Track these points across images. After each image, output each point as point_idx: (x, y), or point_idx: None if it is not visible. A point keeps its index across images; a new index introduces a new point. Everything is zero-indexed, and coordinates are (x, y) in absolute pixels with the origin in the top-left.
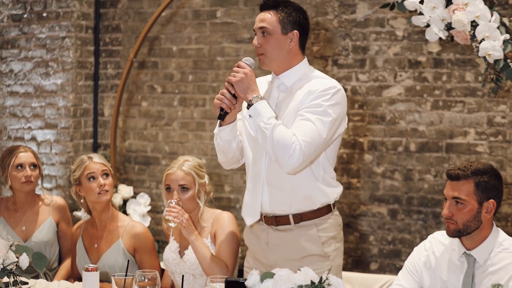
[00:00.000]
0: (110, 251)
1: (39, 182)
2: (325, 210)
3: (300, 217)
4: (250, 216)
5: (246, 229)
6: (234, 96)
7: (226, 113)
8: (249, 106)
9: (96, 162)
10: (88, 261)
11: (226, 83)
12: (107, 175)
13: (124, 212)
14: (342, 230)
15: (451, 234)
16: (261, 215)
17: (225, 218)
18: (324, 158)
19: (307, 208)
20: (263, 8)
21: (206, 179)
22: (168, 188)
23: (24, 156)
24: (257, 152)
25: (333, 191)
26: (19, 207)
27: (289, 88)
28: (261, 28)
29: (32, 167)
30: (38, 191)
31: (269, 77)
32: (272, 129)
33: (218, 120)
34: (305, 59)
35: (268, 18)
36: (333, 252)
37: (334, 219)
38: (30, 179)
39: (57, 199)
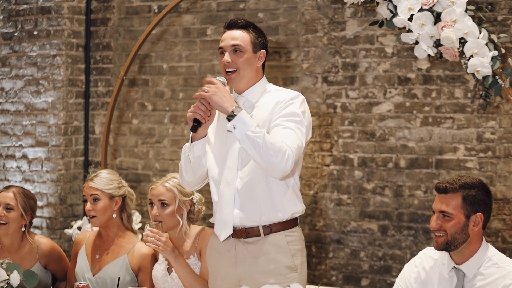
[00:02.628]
0: (114, 264)
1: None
2: (292, 223)
3: (270, 229)
4: (223, 231)
5: (208, 249)
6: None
7: (200, 124)
8: (231, 117)
9: (90, 186)
10: (89, 270)
11: (200, 99)
12: (96, 200)
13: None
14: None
15: (439, 247)
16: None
17: (210, 235)
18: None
19: (277, 219)
20: (233, 27)
21: (195, 196)
22: (151, 203)
23: (1, 196)
24: (227, 167)
25: (301, 203)
26: (5, 250)
27: (254, 104)
28: (234, 45)
29: (7, 209)
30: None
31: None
32: (264, 136)
33: (190, 136)
34: (264, 77)
35: (241, 36)
36: (300, 265)
37: (300, 233)
38: (2, 221)
39: (42, 242)
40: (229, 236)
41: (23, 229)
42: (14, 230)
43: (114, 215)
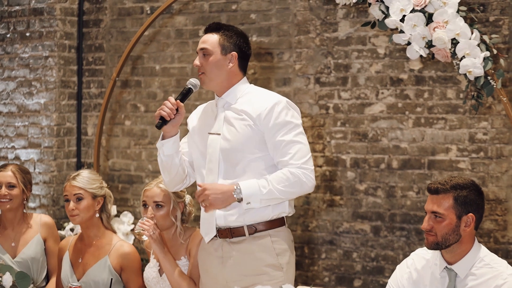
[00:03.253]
0: (96, 267)
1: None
2: (278, 222)
3: (254, 228)
4: (207, 233)
5: (199, 251)
6: (176, 109)
7: (165, 121)
8: (240, 200)
9: (73, 185)
10: (73, 275)
11: (168, 98)
12: (80, 199)
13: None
14: (294, 245)
15: (430, 246)
16: (216, 229)
17: (200, 236)
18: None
19: (262, 219)
20: (207, 30)
21: (186, 199)
22: (145, 205)
23: (2, 175)
24: (209, 168)
25: (290, 204)
26: (8, 225)
27: (234, 105)
28: (202, 49)
29: (9, 187)
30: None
31: (213, 101)
32: (275, 190)
33: (161, 134)
34: (245, 78)
35: (210, 39)
36: (286, 265)
37: (287, 232)
38: (6, 198)
39: (45, 217)
40: (215, 237)
41: (25, 202)
42: (18, 205)
43: (97, 215)
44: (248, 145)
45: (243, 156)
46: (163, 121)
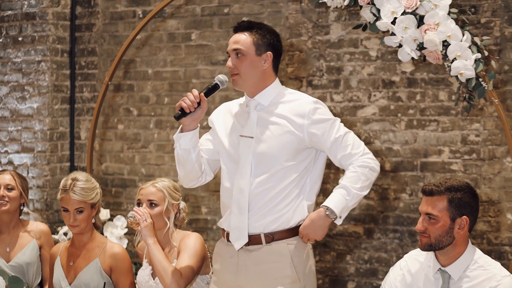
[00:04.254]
0: (86, 270)
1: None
2: (296, 230)
3: (272, 237)
4: (238, 240)
5: (214, 254)
6: (198, 103)
7: (185, 113)
8: (336, 220)
9: (74, 198)
10: (64, 279)
11: (192, 90)
12: (81, 211)
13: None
14: (313, 252)
15: (423, 247)
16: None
17: (191, 237)
18: (312, 172)
19: (280, 228)
20: (237, 30)
21: (181, 203)
22: (139, 203)
23: (1, 178)
24: (240, 173)
25: (310, 209)
26: (3, 229)
27: (267, 107)
28: (235, 49)
29: (8, 189)
30: (26, 216)
31: (240, 100)
32: (357, 191)
33: (180, 127)
34: (277, 79)
35: (243, 39)
36: (304, 275)
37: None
38: (4, 199)
39: (41, 225)
40: (231, 243)
41: (21, 207)
42: (15, 208)
43: (94, 221)
44: (284, 152)
45: (277, 163)
46: (182, 113)
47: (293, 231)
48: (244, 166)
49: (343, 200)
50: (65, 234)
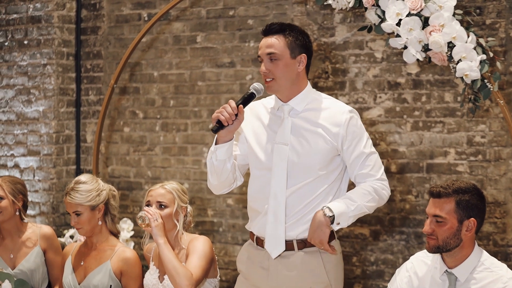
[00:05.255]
0: (97, 271)
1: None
2: (330, 235)
3: (304, 243)
4: (275, 248)
5: (241, 256)
6: (236, 115)
7: (223, 126)
8: (333, 222)
9: (69, 202)
10: (74, 279)
11: (228, 102)
12: (79, 214)
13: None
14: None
15: (431, 249)
16: (262, 240)
17: (200, 240)
18: (344, 181)
19: None
20: (268, 33)
21: (188, 206)
22: (148, 205)
23: None
24: (275, 180)
25: None
26: (6, 235)
27: (301, 113)
28: (269, 53)
29: None
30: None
31: (267, 103)
32: (362, 205)
33: (215, 138)
34: (309, 83)
35: (276, 43)
36: (335, 281)
37: (337, 245)
38: None
39: (45, 228)
40: (260, 247)
41: (17, 213)
42: (9, 216)
43: (100, 222)
44: (319, 160)
45: (312, 171)
46: (220, 126)
47: None
48: (279, 174)
49: (344, 206)
50: (72, 237)
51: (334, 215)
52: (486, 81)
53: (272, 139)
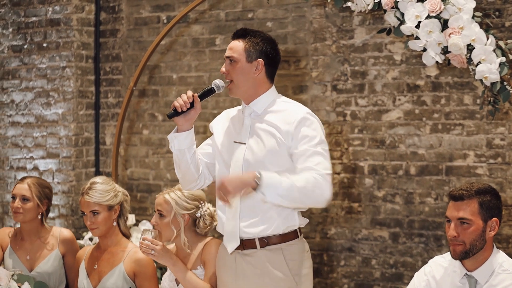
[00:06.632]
0: (110, 274)
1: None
2: (292, 235)
3: (266, 241)
4: (230, 243)
5: (217, 260)
6: (191, 103)
7: (177, 113)
8: (258, 187)
9: (87, 200)
10: (89, 283)
11: (187, 92)
12: (96, 213)
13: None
14: (310, 256)
15: (458, 255)
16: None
17: (212, 246)
18: None
19: (273, 232)
20: (234, 36)
21: (201, 211)
22: (155, 210)
23: (17, 188)
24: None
25: (301, 215)
26: (25, 237)
27: (260, 115)
28: (228, 56)
29: (23, 200)
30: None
31: (240, 108)
32: (294, 187)
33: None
34: (273, 87)
35: (235, 46)
36: (300, 278)
37: (301, 244)
38: (19, 211)
39: (65, 231)
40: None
41: (39, 217)
42: (31, 219)
43: (114, 223)
44: (272, 159)
45: (266, 169)
46: (174, 112)
47: (288, 236)
48: (235, 171)
49: (278, 180)
50: (91, 239)
51: (261, 184)
52: (505, 83)
53: (234, 139)
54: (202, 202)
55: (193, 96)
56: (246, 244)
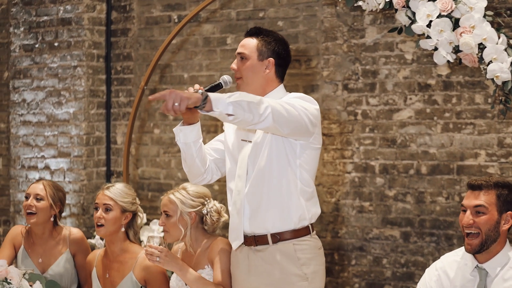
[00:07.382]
0: (123, 283)
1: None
2: (304, 231)
3: (277, 237)
4: (235, 239)
5: (231, 257)
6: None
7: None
8: (204, 104)
9: (105, 194)
10: None
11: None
12: (108, 210)
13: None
14: (323, 253)
15: (474, 249)
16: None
17: (219, 245)
18: (301, 169)
19: (285, 228)
20: (246, 34)
21: (207, 208)
22: (161, 212)
23: (32, 187)
24: (238, 175)
25: (310, 209)
26: (37, 239)
27: None
28: (239, 53)
29: (37, 198)
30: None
31: None
32: (242, 95)
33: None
34: (282, 85)
35: (248, 44)
36: (312, 274)
37: (313, 241)
38: (32, 210)
39: (74, 231)
40: (242, 244)
41: (52, 219)
42: (44, 220)
43: (122, 229)
44: (276, 156)
45: (271, 167)
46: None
47: (300, 232)
48: (241, 168)
49: (224, 96)
50: (102, 238)
51: (207, 96)
52: None
53: (241, 137)
54: (207, 198)
55: (199, 88)
56: (258, 240)
